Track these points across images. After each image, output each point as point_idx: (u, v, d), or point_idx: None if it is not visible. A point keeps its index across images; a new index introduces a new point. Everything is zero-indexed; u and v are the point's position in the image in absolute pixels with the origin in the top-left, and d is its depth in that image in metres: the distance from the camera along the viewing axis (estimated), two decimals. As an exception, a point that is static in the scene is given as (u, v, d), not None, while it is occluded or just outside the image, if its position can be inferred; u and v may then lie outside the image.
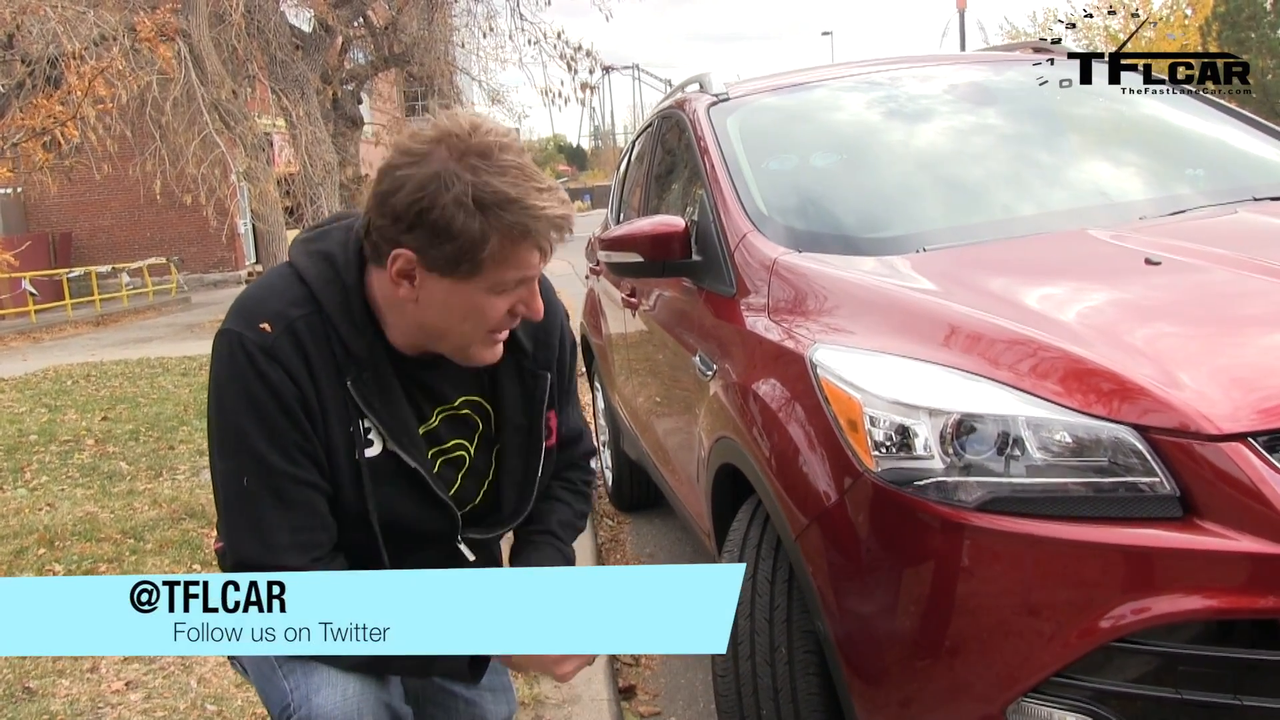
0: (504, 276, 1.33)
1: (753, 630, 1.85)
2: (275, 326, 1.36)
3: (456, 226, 1.28)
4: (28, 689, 2.77)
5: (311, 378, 1.37)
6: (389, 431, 1.42)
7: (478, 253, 1.30)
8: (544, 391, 1.55)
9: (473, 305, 1.36)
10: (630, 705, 2.73)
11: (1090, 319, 1.70)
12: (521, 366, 1.54)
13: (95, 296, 18.67)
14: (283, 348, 1.36)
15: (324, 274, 1.40)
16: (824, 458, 1.71)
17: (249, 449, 1.35)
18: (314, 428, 1.38)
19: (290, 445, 1.36)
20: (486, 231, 1.29)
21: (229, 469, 1.38)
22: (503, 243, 1.30)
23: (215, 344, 1.40)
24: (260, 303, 1.39)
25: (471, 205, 1.27)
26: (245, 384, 1.35)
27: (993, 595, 1.48)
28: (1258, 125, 2.77)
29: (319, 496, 1.40)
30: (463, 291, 1.34)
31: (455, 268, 1.32)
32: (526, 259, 1.33)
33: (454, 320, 1.37)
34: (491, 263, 1.31)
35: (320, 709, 1.34)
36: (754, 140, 2.80)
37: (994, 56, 3.46)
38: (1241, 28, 18.08)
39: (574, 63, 15.86)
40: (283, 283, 1.42)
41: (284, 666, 1.40)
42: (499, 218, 1.28)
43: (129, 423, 6.78)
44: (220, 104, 11.83)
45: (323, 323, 1.39)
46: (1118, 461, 1.45)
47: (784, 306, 2.09)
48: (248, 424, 1.35)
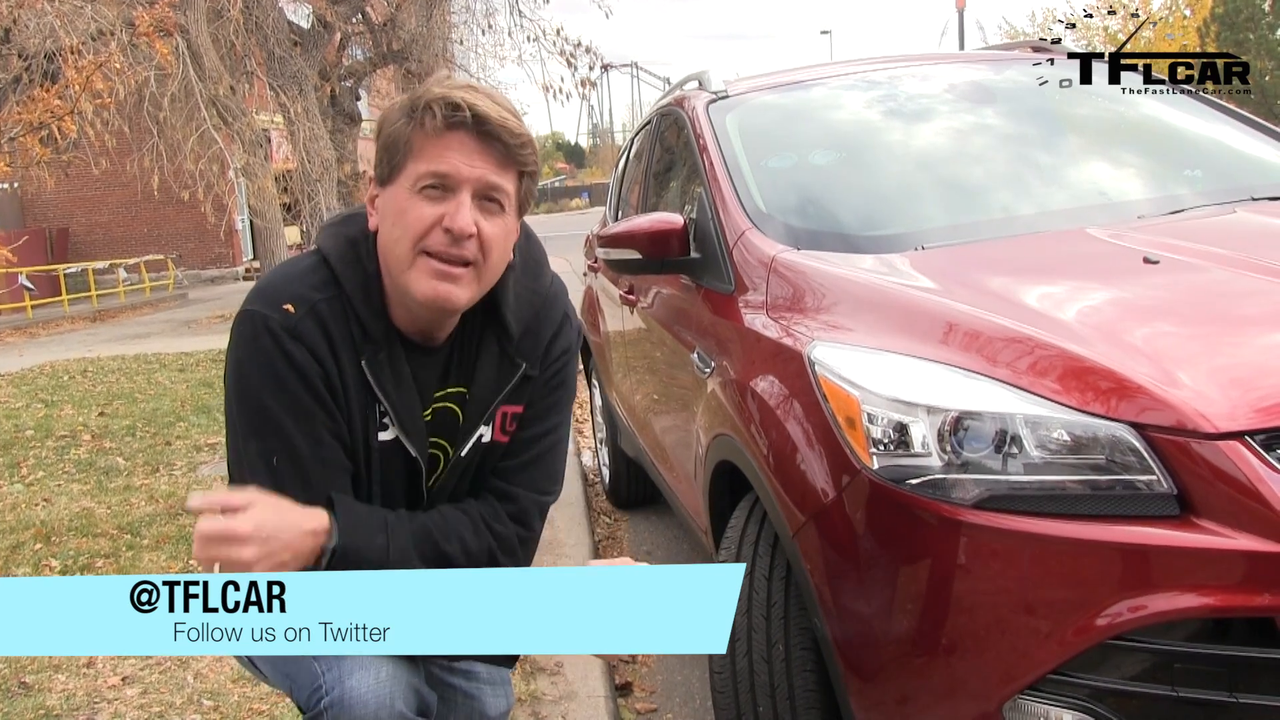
0: (417, 168, 1.34)
1: (750, 627, 1.85)
2: (299, 308, 1.37)
3: (388, 130, 1.35)
4: (24, 684, 2.77)
5: (335, 358, 1.38)
6: (397, 415, 1.42)
7: (399, 149, 1.35)
8: (510, 380, 1.49)
9: (399, 209, 1.36)
10: (627, 702, 2.73)
11: (1088, 317, 1.70)
12: (503, 350, 1.49)
13: (92, 292, 18.63)
14: (307, 328, 1.36)
15: (347, 256, 1.42)
16: (822, 455, 1.71)
17: (275, 429, 1.35)
18: (338, 407, 1.38)
19: (318, 424, 1.37)
20: (407, 127, 1.34)
21: (255, 450, 1.37)
22: (415, 133, 1.34)
23: (236, 326, 1.40)
24: (283, 285, 1.40)
25: (406, 108, 1.35)
26: (270, 364, 1.35)
27: (990, 593, 1.48)
28: (1256, 125, 2.77)
29: (344, 477, 1.40)
30: (393, 195, 1.37)
31: (389, 171, 1.37)
32: (434, 151, 1.33)
33: (390, 235, 1.37)
34: (409, 156, 1.34)
35: (354, 690, 1.33)
36: (753, 138, 2.80)
37: (993, 56, 3.46)
38: (1240, 29, 18.10)
39: (574, 59, 15.83)
40: (307, 267, 1.43)
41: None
42: (414, 112, 1.34)
43: (126, 418, 6.77)
44: (218, 100, 11.82)
45: (344, 306, 1.39)
46: (1115, 460, 1.45)
47: (782, 304, 2.09)
48: (273, 404, 1.35)
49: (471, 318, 1.48)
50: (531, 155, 1.39)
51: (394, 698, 1.35)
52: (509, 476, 1.53)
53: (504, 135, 1.34)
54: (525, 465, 1.54)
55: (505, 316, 1.48)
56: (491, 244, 1.37)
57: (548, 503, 1.57)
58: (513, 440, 1.53)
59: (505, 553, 1.48)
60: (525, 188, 1.41)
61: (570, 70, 15.85)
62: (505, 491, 1.52)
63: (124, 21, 11.08)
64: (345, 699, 1.33)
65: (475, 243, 1.35)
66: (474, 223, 1.34)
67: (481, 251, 1.36)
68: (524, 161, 1.38)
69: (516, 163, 1.37)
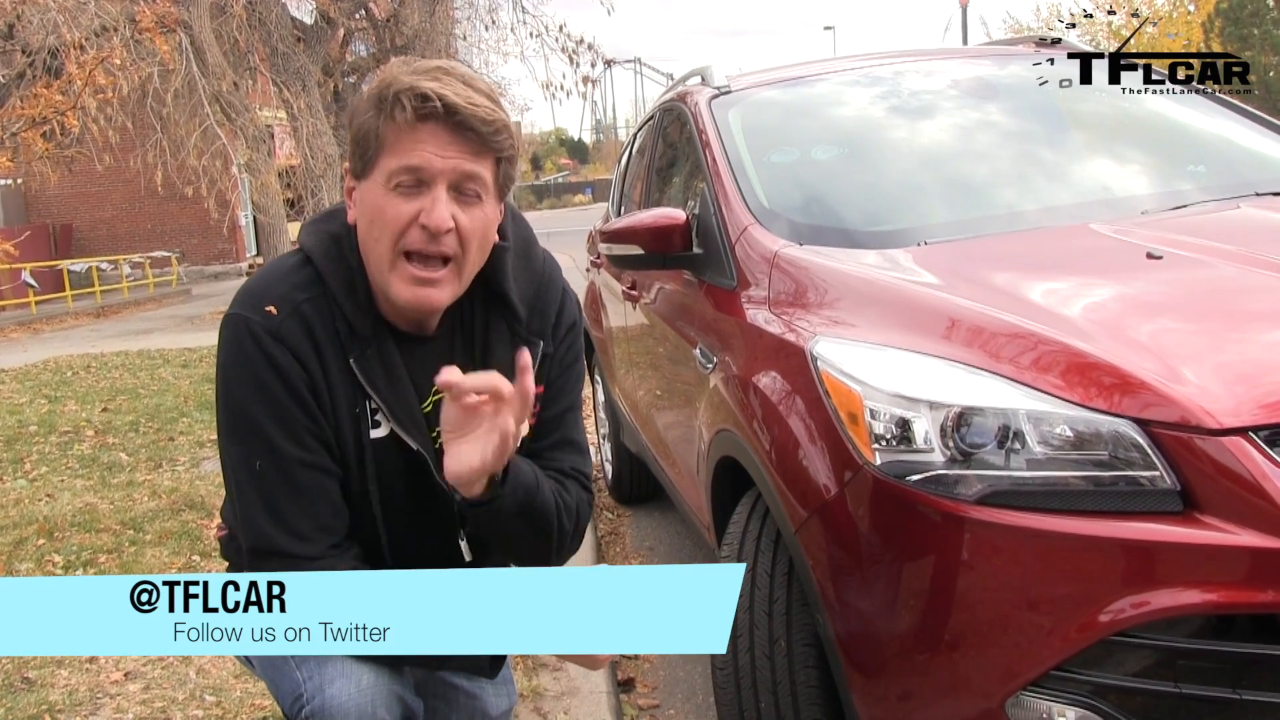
0: (389, 163, 1.30)
1: (752, 623, 1.85)
2: (281, 309, 1.36)
3: (358, 122, 1.32)
4: (26, 679, 2.77)
5: (319, 360, 1.36)
6: (390, 410, 1.40)
7: (370, 143, 1.31)
8: (534, 361, 1.47)
9: (376, 207, 1.33)
10: (629, 698, 2.73)
11: (1091, 313, 1.70)
12: (514, 331, 1.48)
13: (96, 288, 18.65)
14: (289, 330, 1.35)
15: (330, 253, 1.40)
16: (824, 451, 1.71)
17: (259, 433, 1.34)
18: (322, 411, 1.37)
19: (300, 428, 1.35)
20: (377, 119, 1.31)
21: (239, 455, 1.37)
22: (384, 126, 1.30)
23: (221, 329, 1.39)
24: (266, 287, 1.38)
25: (374, 99, 1.30)
26: (252, 367, 1.34)
27: (992, 589, 1.48)
28: (1259, 120, 2.76)
29: (331, 481, 1.39)
30: (368, 191, 1.34)
31: (363, 165, 1.33)
32: (406, 145, 1.30)
33: (370, 234, 1.35)
34: (380, 150, 1.31)
35: (334, 700, 1.33)
36: (755, 133, 2.79)
37: (996, 51, 3.45)
38: (1244, 24, 18.05)
39: (576, 56, 15.80)
40: (290, 266, 1.41)
41: (296, 656, 1.37)
42: (383, 104, 1.30)
43: (129, 414, 6.78)
44: (221, 96, 11.82)
45: (329, 304, 1.38)
46: (1118, 455, 1.44)
47: (785, 299, 2.09)
48: (256, 408, 1.34)
49: (468, 301, 1.46)
50: (507, 140, 1.35)
51: (375, 705, 1.35)
52: (545, 456, 1.51)
53: (476, 123, 1.30)
54: (558, 444, 1.53)
55: (510, 298, 1.46)
56: (470, 236, 1.34)
57: (590, 474, 1.57)
58: (540, 422, 1.52)
59: (582, 515, 1.52)
60: (503, 173, 1.38)
61: (572, 68, 15.83)
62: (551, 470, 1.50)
63: (127, 17, 11.08)
64: (326, 707, 1.33)
65: (454, 237, 1.33)
66: (451, 217, 1.31)
67: (461, 245, 1.34)
68: (499, 147, 1.34)
69: (492, 149, 1.34)
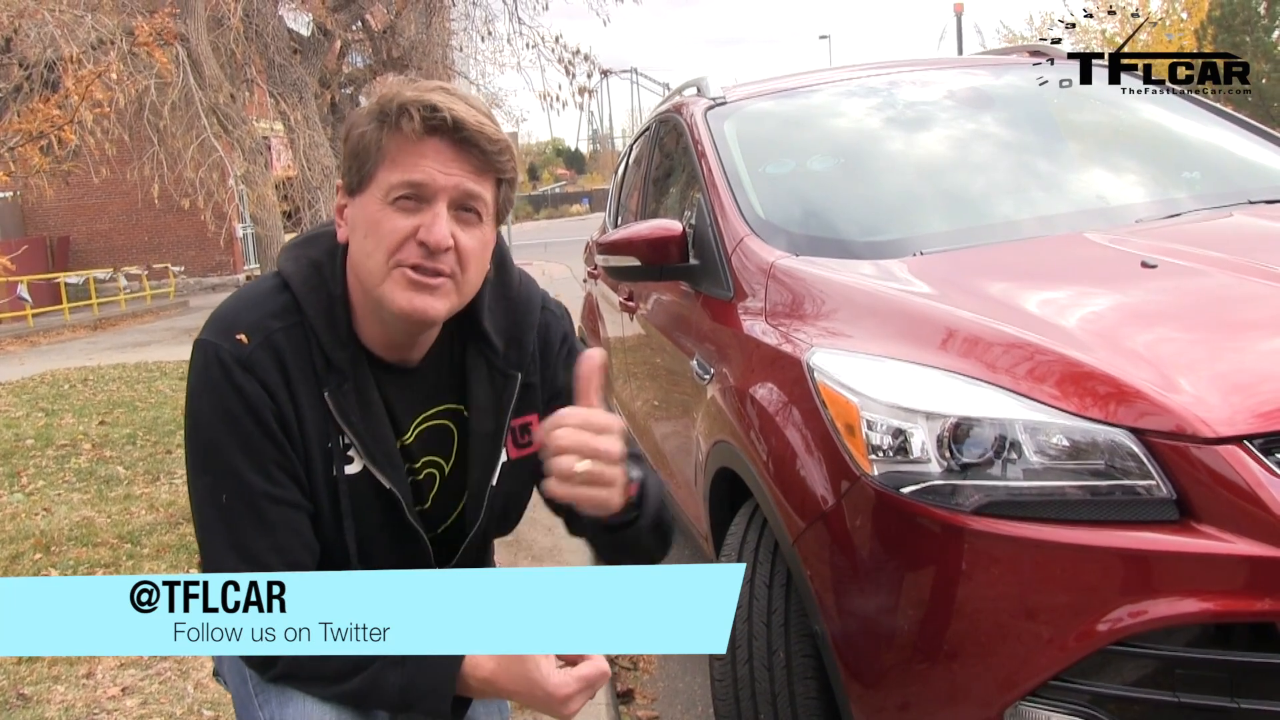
0: (390, 177, 1.27)
1: (751, 634, 1.85)
2: (253, 338, 1.31)
3: (356, 135, 1.30)
4: (22, 695, 2.76)
5: (290, 392, 1.31)
6: (364, 447, 1.35)
7: (369, 156, 1.29)
8: (512, 394, 1.44)
9: (371, 221, 1.29)
10: (629, 709, 2.72)
11: (1087, 322, 1.70)
12: (492, 365, 1.44)
13: (93, 300, 18.63)
14: (259, 360, 1.30)
15: (310, 280, 1.35)
16: (821, 461, 1.71)
17: (226, 465, 1.30)
18: (292, 444, 1.32)
19: (268, 461, 1.30)
20: (379, 132, 1.28)
21: (205, 486, 1.32)
22: (386, 139, 1.28)
23: (192, 355, 1.34)
24: (239, 313, 1.34)
25: (375, 112, 1.29)
26: (220, 397, 1.29)
27: (990, 599, 1.48)
28: (1253, 129, 2.77)
29: (300, 516, 1.34)
30: (364, 205, 1.30)
31: (359, 181, 1.31)
32: (408, 159, 1.27)
33: (363, 249, 1.31)
34: (381, 163, 1.29)
35: None
36: (751, 144, 2.80)
37: (991, 60, 3.46)
38: (1236, 31, 18.14)
39: (572, 67, 15.82)
40: (265, 292, 1.36)
41: (260, 695, 1.35)
42: (386, 116, 1.28)
43: (126, 427, 6.77)
44: (218, 108, 11.82)
45: (305, 334, 1.33)
46: (1114, 465, 1.45)
47: (781, 310, 2.09)
48: (223, 439, 1.30)
49: (448, 334, 1.42)
50: (510, 162, 1.32)
51: None
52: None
53: (481, 141, 1.28)
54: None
55: (486, 330, 1.43)
56: (469, 257, 1.31)
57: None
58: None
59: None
60: (503, 195, 1.35)
61: (569, 78, 15.86)
62: None
63: (124, 31, 11.10)
64: None
65: (452, 256, 1.29)
66: (451, 235, 1.28)
67: (460, 264, 1.30)
68: (502, 168, 1.32)
69: (495, 169, 1.31)
